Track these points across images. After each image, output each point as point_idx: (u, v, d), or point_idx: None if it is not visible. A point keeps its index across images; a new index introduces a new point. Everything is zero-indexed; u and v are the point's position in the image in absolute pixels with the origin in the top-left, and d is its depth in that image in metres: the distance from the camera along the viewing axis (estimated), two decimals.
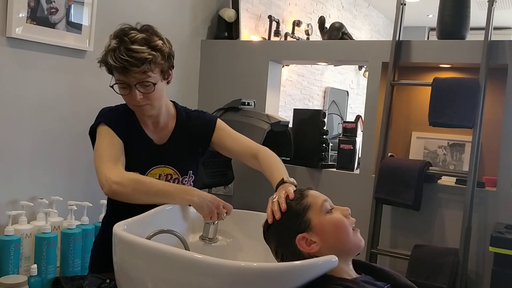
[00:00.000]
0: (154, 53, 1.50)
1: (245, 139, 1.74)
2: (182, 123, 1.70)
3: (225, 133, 1.73)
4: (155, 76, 1.53)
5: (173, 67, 1.61)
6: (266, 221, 1.29)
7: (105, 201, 2.03)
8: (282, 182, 1.46)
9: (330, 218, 1.22)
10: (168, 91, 3.07)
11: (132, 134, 1.61)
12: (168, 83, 1.63)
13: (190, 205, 1.55)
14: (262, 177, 1.65)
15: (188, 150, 1.70)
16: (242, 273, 1.09)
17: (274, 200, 1.31)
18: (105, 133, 1.57)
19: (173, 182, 1.66)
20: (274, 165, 1.63)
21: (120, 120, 1.60)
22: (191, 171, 1.71)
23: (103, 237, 1.70)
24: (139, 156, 1.61)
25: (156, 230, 1.37)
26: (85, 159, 2.31)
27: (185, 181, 1.68)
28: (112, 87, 1.55)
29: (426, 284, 2.19)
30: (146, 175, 1.61)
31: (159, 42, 1.53)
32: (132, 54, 1.47)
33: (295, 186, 1.42)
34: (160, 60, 1.52)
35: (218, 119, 1.76)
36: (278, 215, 1.26)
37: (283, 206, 1.27)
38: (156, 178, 1.62)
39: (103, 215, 2.10)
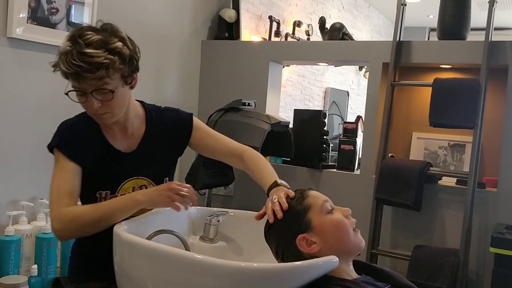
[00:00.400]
0: (111, 57, 1.32)
1: (227, 139, 1.65)
2: (154, 126, 1.56)
3: (205, 134, 1.63)
4: (114, 82, 1.36)
5: (137, 69, 1.44)
6: (267, 221, 1.29)
7: None
8: (276, 184, 1.42)
9: (331, 219, 1.22)
10: (168, 92, 3.08)
11: (95, 150, 1.46)
12: (132, 87, 1.46)
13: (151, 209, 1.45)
14: None
15: (162, 155, 1.57)
16: (242, 274, 1.09)
17: (274, 200, 1.30)
18: (58, 162, 1.43)
19: None
20: (263, 167, 1.56)
21: (78, 137, 1.45)
22: (167, 178, 1.59)
23: (80, 246, 1.59)
24: (108, 171, 1.48)
25: (156, 230, 1.37)
26: None
27: None
28: (67, 94, 1.39)
29: (426, 285, 2.19)
30: (119, 191, 1.49)
31: (119, 44, 1.35)
32: (86, 58, 1.29)
33: (288, 188, 1.40)
34: (119, 65, 1.35)
35: (195, 118, 1.64)
36: (280, 214, 1.25)
37: (285, 205, 1.26)
38: (130, 192, 1.49)
39: None
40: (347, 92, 5.47)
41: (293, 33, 4.15)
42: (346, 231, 1.22)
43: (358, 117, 3.14)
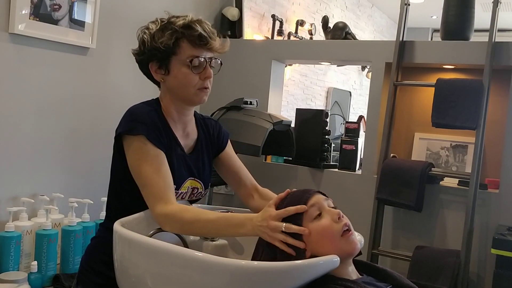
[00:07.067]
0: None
1: (246, 169, 1.60)
2: (202, 130, 1.54)
3: (233, 154, 1.60)
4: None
5: None
6: None
7: (105, 198, 2.02)
8: None
9: (315, 227, 1.17)
10: None
11: (168, 142, 1.40)
12: None
13: None
14: (263, 176, 1.63)
15: (207, 160, 1.54)
16: (242, 272, 1.09)
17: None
18: (147, 151, 1.33)
19: (198, 196, 1.52)
20: None
21: (158, 126, 1.38)
22: (209, 184, 1.56)
23: (100, 247, 1.48)
24: (175, 167, 1.41)
25: (157, 228, 1.36)
26: (87, 156, 2.31)
27: (204, 194, 1.56)
28: (190, 62, 1.37)
29: (427, 286, 2.19)
30: (180, 189, 1.44)
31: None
32: (209, 27, 1.41)
33: None
34: None
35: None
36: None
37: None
38: (184, 191, 1.46)
39: (104, 212, 2.07)
40: (350, 92, 5.46)
41: (296, 32, 4.15)
42: (330, 238, 1.16)
43: (360, 117, 3.13)
